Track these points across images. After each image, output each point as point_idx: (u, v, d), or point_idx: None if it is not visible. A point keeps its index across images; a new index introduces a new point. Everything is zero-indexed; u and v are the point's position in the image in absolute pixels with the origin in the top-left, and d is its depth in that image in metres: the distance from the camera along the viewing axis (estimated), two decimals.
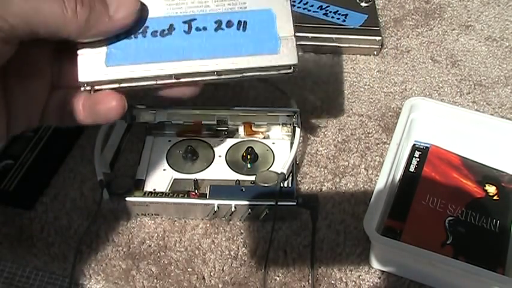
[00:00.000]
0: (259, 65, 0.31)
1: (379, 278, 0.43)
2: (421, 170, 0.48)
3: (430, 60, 0.61)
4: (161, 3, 0.31)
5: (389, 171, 0.44)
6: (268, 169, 0.48)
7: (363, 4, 0.64)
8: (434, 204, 0.45)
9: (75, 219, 0.46)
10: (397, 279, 0.43)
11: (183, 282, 0.42)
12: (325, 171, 0.50)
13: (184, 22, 0.32)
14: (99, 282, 0.42)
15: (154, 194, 0.46)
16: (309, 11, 0.64)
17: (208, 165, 0.49)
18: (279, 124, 0.51)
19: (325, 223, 0.46)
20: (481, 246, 0.43)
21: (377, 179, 0.45)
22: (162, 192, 0.46)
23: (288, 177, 0.46)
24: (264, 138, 0.51)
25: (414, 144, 0.50)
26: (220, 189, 0.45)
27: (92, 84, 0.29)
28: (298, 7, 0.64)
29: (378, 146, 0.52)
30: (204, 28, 0.32)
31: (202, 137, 0.51)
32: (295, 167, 0.48)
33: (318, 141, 0.52)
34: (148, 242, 0.45)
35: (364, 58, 0.61)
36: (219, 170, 0.48)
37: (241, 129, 0.51)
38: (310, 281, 0.42)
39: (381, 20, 0.65)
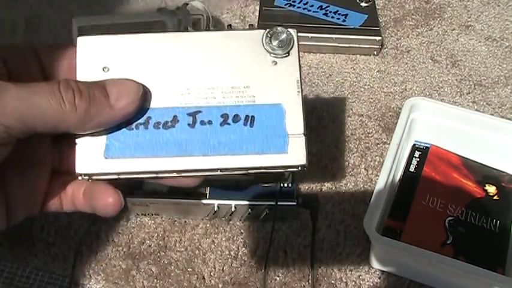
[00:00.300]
0: (265, 165, 0.29)
1: (379, 278, 0.43)
2: (421, 170, 0.48)
3: (430, 60, 0.61)
4: (165, 93, 0.30)
5: (389, 171, 0.44)
6: None
7: (363, 4, 0.64)
8: (434, 204, 0.45)
9: (75, 219, 0.46)
10: (397, 279, 0.43)
11: (183, 282, 0.42)
12: (325, 171, 0.50)
13: (189, 114, 0.30)
14: (99, 282, 0.42)
15: (154, 194, 0.46)
16: (309, 11, 0.64)
17: None
18: None
19: (325, 223, 0.46)
20: (481, 246, 0.43)
21: (377, 179, 0.45)
22: (162, 192, 0.46)
23: (288, 177, 0.46)
24: None
25: (414, 144, 0.50)
26: (220, 189, 0.45)
27: (89, 175, 0.28)
28: (299, 7, 0.64)
29: (378, 146, 0.52)
30: (210, 122, 0.30)
31: None
32: None
33: (318, 141, 0.52)
34: (148, 242, 0.45)
35: (364, 58, 0.61)
36: None
37: None
38: (310, 281, 0.42)
39: (381, 20, 0.65)
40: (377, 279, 0.43)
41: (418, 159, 0.49)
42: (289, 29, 0.30)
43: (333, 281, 0.43)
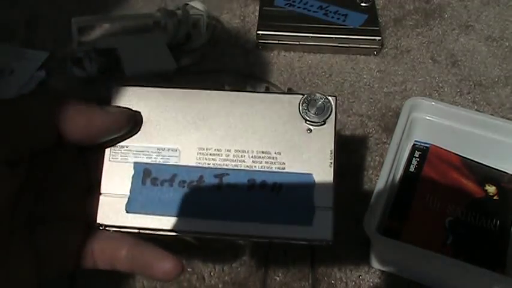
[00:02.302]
0: (287, 236, 0.28)
1: (379, 278, 0.43)
2: (421, 170, 0.48)
3: (430, 60, 0.61)
4: (194, 151, 0.29)
5: (389, 171, 0.44)
6: None
7: (363, 4, 0.64)
8: (434, 204, 0.45)
9: None
10: (397, 279, 0.43)
11: (183, 282, 0.42)
12: None
13: (216, 176, 0.29)
14: (99, 282, 0.42)
15: None
16: (309, 11, 0.64)
17: None
18: None
19: None
20: (481, 246, 0.43)
21: (377, 179, 0.45)
22: None
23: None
24: None
25: (414, 144, 0.50)
26: None
27: (110, 227, 0.28)
28: (298, 7, 0.64)
29: (378, 146, 0.52)
30: (236, 186, 0.29)
31: None
32: None
33: None
34: None
35: (364, 58, 0.61)
36: None
37: None
38: (310, 281, 0.42)
39: (380, 20, 0.65)
40: (377, 279, 0.43)
41: (418, 159, 0.49)
42: (329, 97, 0.29)
43: (333, 281, 0.43)
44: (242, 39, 0.63)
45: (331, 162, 0.29)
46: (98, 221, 0.28)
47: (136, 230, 0.28)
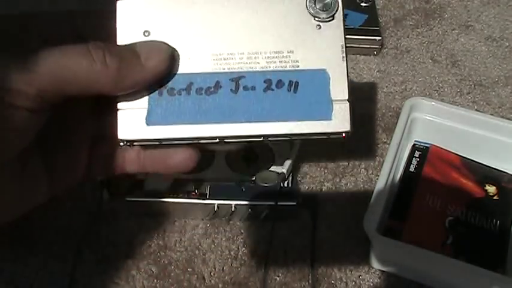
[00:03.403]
0: (308, 131, 0.29)
1: (379, 278, 0.43)
2: (421, 170, 0.48)
3: (430, 60, 0.61)
4: (208, 58, 0.29)
5: (389, 171, 0.44)
6: (268, 169, 0.48)
7: (363, 4, 0.64)
8: (434, 204, 0.45)
9: (75, 219, 0.46)
10: (397, 279, 0.43)
11: (183, 282, 0.42)
12: (325, 171, 0.50)
13: (232, 80, 0.29)
14: (99, 282, 0.42)
15: (154, 194, 0.46)
16: None
17: (208, 165, 0.49)
18: None
19: (325, 223, 0.46)
20: (481, 246, 0.43)
21: (377, 179, 0.45)
22: (162, 192, 0.46)
23: (288, 177, 0.46)
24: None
25: (414, 144, 0.50)
26: (220, 189, 0.45)
27: (131, 141, 0.28)
28: None
29: (378, 146, 0.52)
30: (253, 88, 0.29)
31: None
32: (295, 167, 0.48)
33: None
34: (148, 242, 0.45)
35: (364, 58, 0.61)
36: (219, 170, 0.48)
37: None
38: (310, 281, 0.42)
39: (381, 20, 0.65)
40: (377, 279, 0.43)
41: (418, 159, 0.49)
42: None
43: (333, 281, 0.43)
44: None
45: (343, 57, 0.30)
46: (119, 137, 0.28)
47: (157, 142, 0.28)
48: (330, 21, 0.30)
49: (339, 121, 0.30)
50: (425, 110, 0.49)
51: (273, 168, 0.48)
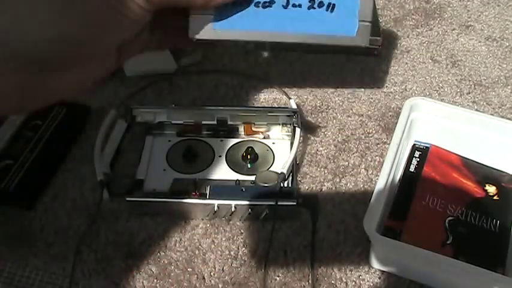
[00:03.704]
0: (336, 43, 0.37)
1: (379, 278, 0.43)
2: (421, 170, 0.48)
3: (430, 60, 0.61)
4: None
5: (389, 171, 0.44)
6: (268, 169, 0.48)
7: None
8: (434, 204, 0.45)
9: (75, 219, 0.46)
10: (397, 279, 0.43)
11: (183, 282, 0.42)
12: (325, 171, 0.50)
13: None
14: (99, 282, 0.42)
15: (154, 194, 0.46)
16: None
17: (208, 165, 0.49)
18: (279, 124, 0.51)
19: (325, 223, 0.46)
20: (481, 246, 0.43)
21: (377, 179, 0.45)
22: (162, 192, 0.46)
23: (288, 177, 0.46)
24: (264, 138, 0.51)
25: (414, 144, 0.50)
26: (220, 189, 0.45)
27: (199, 40, 0.36)
28: None
29: (378, 146, 0.52)
30: (299, 5, 0.37)
31: (202, 137, 0.51)
32: (295, 167, 0.48)
33: (318, 141, 0.52)
34: (148, 242, 0.45)
35: (364, 58, 0.61)
36: (219, 170, 0.48)
37: (241, 129, 0.51)
38: (310, 281, 0.42)
39: (381, 20, 0.65)
40: (377, 279, 0.43)
41: (418, 159, 0.49)
42: None
43: (333, 281, 0.43)
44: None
45: None
46: (189, 36, 0.35)
47: (219, 41, 0.36)
48: None
49: (361, 37, 0.37)
50: (425, 110, 0.49)
51: (273, 168, 0.48)
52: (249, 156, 0.48)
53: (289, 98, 0.53)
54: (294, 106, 0.51)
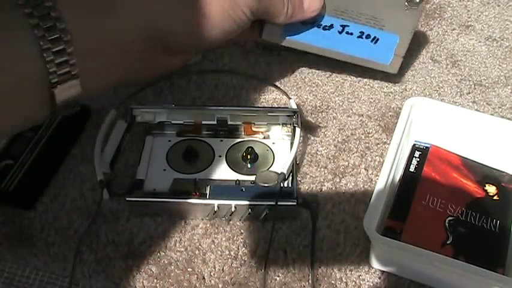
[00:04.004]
0: (372, 67, 0.52)
1: (379, 278, 0.43)
2: (421, 170, 0.48)
3: (430, 60, 0.61)
4: (330, 8, 0.48)
5: (389, 171, 0.44)
6: (268, 169, 0.48)
7: None
8: (434, 204, 0.45)
9: (75, 219, 0.46)
10: (397, 279, 0.43)
11: (183, 282, 0.43)
12: (325, 171, 0.50)
13: (341, 25, 0.49)
14: (99, 282, 0.42)
15: (154, 194, 0.46)
16: None
17: (208, 165, 0.49)
18: (279, 124, 0.51)
19: (325, 223, 0.46)
20: (481, 246, 0.43)
21: (377, 179, 0.45)
22: (162, 192, 0.46)
23: (288, 177, 0.46)
24: (264, 138, 0.51)
25: (414, 144, 0.50)
26: (220, 189, 0.45)
27: (267, 42, 0.49)
28: None
29: (378, 146, 0.52)
30: (351, 33, 0.49)
31: (202, 137, 0.51)
32: (295, 167, 0.48)
33: (318, 141, 0.52)
34: (148, 242, 0.45)
35: None
36: (219, 170, 0.48)
37: (241, 129, 0.51)
38: (310, 281, 0.42)
39: None
40: (377, 279, 0.43)
41: (418, 159, 0.49)
42: None
43: (333, 281, 0.43)
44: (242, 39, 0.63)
45: (411, 32, 0.50)
46: (262, 37, 0.48)
47: (284, 45, 0.49)
48: (414, 9, 0.47)
49: (392, 66, 0.51)
50: (425, 110, 0.49)
51: (273, 168, 0.48)
52: (249, 156, 0.49)
53: (289, 98, 0.53)
54: (294, 106, 0.51)
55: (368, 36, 0.48)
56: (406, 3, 0.47)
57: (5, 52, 0.30)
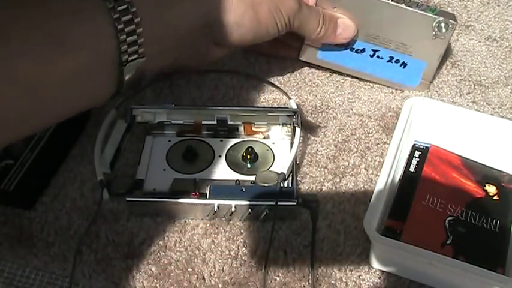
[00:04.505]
0: (402, 89, 0.55)
1: (379, 278, 0.43)
2: (421, 170, 0.48)
3: None
4: (363, 33, 0.52)
5: (389, 171, 0.44)
6: (268, 169, 0.48)
7: None
8: (434, 204, 0.45)
9: (75, 219, 0.46)
10: (397, 279, 0.43)
11: (183, 282, 0.43)
12: (325, 171, 0.50)
13: (373, 50, 0.52)
14: (99, 282, 0.42)
15: (154, 194, 0.46)
16: None
17: (208, 165, 0.49)
18: (279, 124, 0.51)
19: (325, 223, 0.46)
20: (481, 246, 0.43)
21: (377, 179, 0.45)
22: (162, 192, 0.46)
23: (288, 177, 0.46)
24: (264, 138, 0.51)
25: (414, 144, 0.50)
26: (220, 189, 0.45)
27: (304, 61, 0.54)
28: None
29: (378, 146, 0.52)
30: (382, 58, 0.53)
31: (202, 137, 0.51)
32: (295, 167, 0.48)
33: (318, 141, 0.52)
34: (148, 242, 0.45)
35: None
36: (219, 170, 0.48)
37: (241, 129, 0.51)
38: (310, 281, 0.42)
39: None
40: (377, 279, 0.43)
41: (418, 159, 0.49)
42: (452, 21, 0.50)
43: (333, 281, 0.43)
44: None
45: (438, 59, 0.53)
46: (299, 58, 0.54)
47: (320, 64, 0.55)
48: (442, 38, 0.51)
49: (419, 88, 0.54)
50: (425, 110, 0.49)
51: (273, 168, 0.48)
52: (249, 156, 0.48)
53: (289, 98, 0.53)
54: (294, 106, 0.51)
55: (397, 61, 0.52)
56: (434, 33, 0.50)
57: (88, 31, 0.34)
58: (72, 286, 0.42)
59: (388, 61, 0.52)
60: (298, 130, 0.48)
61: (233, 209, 0.44)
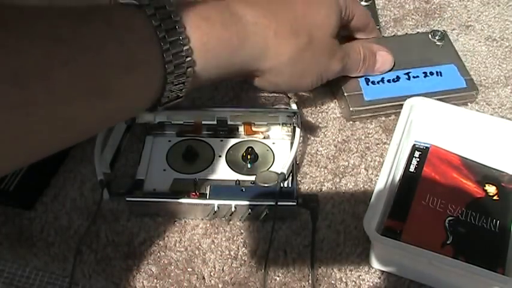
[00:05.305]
0: (458, 95, 0.54)
1: (379, 278, 0.43)
2: (421, 170, 0.48)
3: None
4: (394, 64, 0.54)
5: (389, 171, 0.44)
6: (268, 169, 0.48)
7: (363, 3, 0.64)
8: (434, 204, 0.45)
9: (75, 219, 0.46)
10: (397, 279, 0.43)
11: (183, 282, 0.43)
12: (325, 171, 0.50)
13: (405, 74, 0.54)
14: (99, 282, 0.42)
15: (154, 194, 0.46)
16: None
17: (208, 165, 0.49)
18: (279, 124, 0.51)
19: (325, 223, 0.46)
20: (481, 246, 0.43)
21: (377, 179, 0.45)
22: (162, 192, 0.46)
23: (288, 177, 0.46)
24: (264, 138, 0.51)
25: (414, 144, 0.50)
26: (220, 189, 0.45)
27: (357, 111, 0.52)
28: None
29: (378, 146, 0.52)
30: (417, 76, 0.54)
31: (202, 137, 0.51)
32: (295, 167, 0.48)
33: (318, 141, 0.52)
34: (148, 242, 0.45)
35: None
36: (219, 170, 0.48)
37: (241, 129, 0.51)
38: (310, 281, 0.42)
39: (381, 20, 0.65)
40: (377, 279, 0.43)
41: (418, 159, 0.49)
42: (441, 31, 0.57)
43: (333, 281, 0.43)
44: None
45: (459, 57, 0.56)
46: (350, 108, 0.52)
47: (371, 110, 0.53)
48: (442, 44, 0.56)
49: (469, 88, 0.54)
50: (425, 110, 0.49)
51: (273, 168, 0.48)
52: (249, 156, 0.48)
53: (289, 98, 0.53)
54: (294, 106, 0.51)
55: (432, 73, 0.53)
56: (435, 43, 0.56)
57: (137, 84, 0.34)
58: (72, 286, 0.42)
59: (425, 76, 0.53)
60: (298, 130, 0.48)
61: (233, 209, 0.44)
